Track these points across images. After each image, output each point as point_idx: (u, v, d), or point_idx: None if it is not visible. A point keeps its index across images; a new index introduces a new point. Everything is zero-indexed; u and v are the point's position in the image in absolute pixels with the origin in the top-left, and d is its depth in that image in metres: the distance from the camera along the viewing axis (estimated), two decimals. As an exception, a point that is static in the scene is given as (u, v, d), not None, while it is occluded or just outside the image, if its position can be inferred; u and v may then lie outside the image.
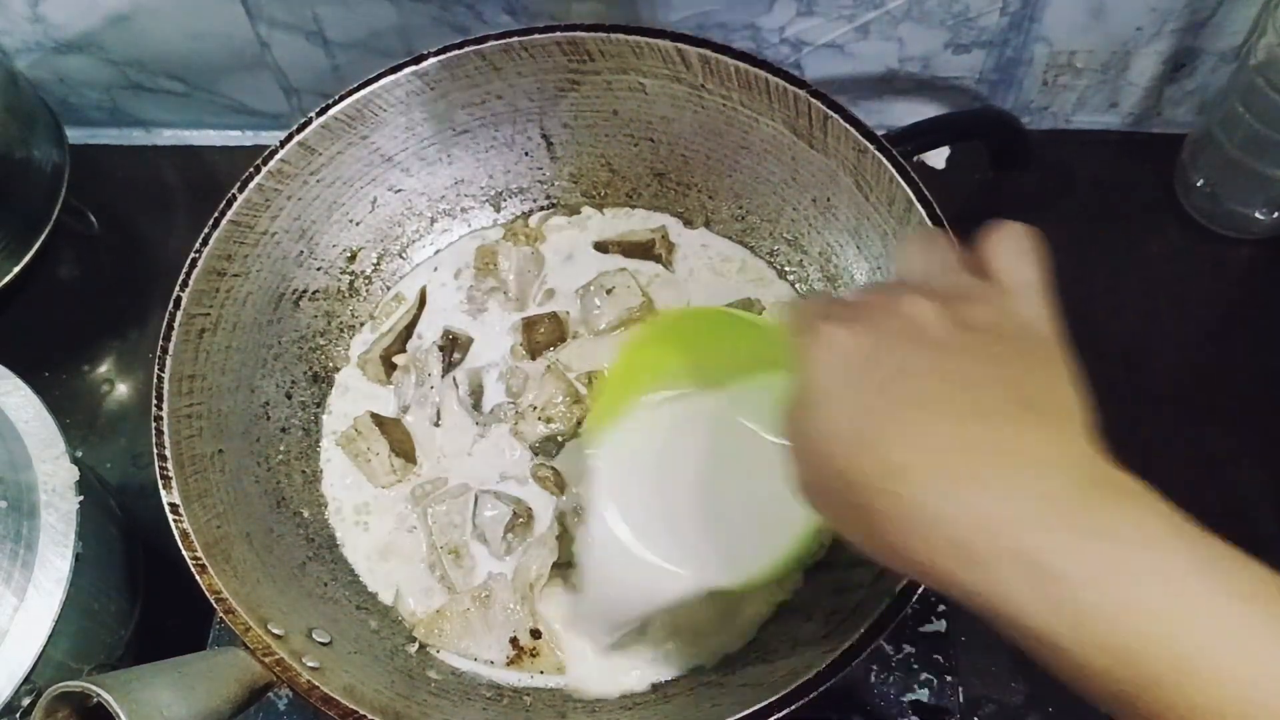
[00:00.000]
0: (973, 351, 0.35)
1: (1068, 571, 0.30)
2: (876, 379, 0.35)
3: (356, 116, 0.64)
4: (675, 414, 0.52)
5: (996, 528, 0.31)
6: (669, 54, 0.61)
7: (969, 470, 0.32)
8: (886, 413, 0.34)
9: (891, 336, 0.35)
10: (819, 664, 0.48)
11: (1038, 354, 0.36)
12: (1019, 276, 0.38)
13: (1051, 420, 0.34)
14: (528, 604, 0.59)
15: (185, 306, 0.58)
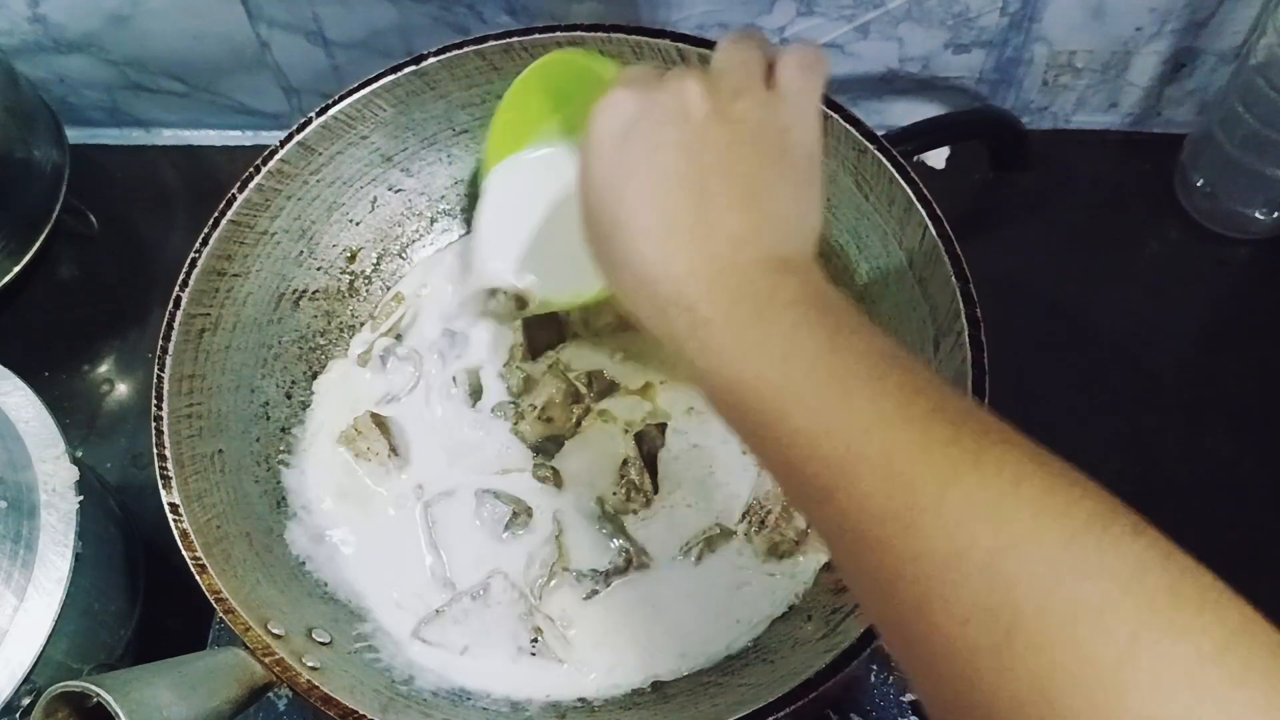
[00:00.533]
0: (722, 142, 0.40)
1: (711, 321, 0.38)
2: (631, 146, 0.41)
3: (356, 116, 0.64)
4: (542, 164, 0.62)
5: (676, 285, 0.39)
6: (669, 54, 0.61)
7: (671, 235, 0.39)
8: (628, 176, 0.40)
9: (659, 112, 0.41)
10: (819, 664, 0.48)
11: (782, 159, 0.42)
12: (796, 86, 0.42)
13: (772, 215, 0.41)
14: (528, 603, 0.59)
15: (185, 306, 0.58)
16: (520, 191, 0.62)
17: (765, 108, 0.42)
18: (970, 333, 0.52)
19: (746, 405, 0.37)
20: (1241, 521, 0.65)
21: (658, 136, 0.41)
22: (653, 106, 0.41)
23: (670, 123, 0.41)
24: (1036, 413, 0.63)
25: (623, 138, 0.41)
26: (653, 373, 0.65)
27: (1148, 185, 0.76)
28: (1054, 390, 0.69)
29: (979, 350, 0.52)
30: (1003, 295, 0.55)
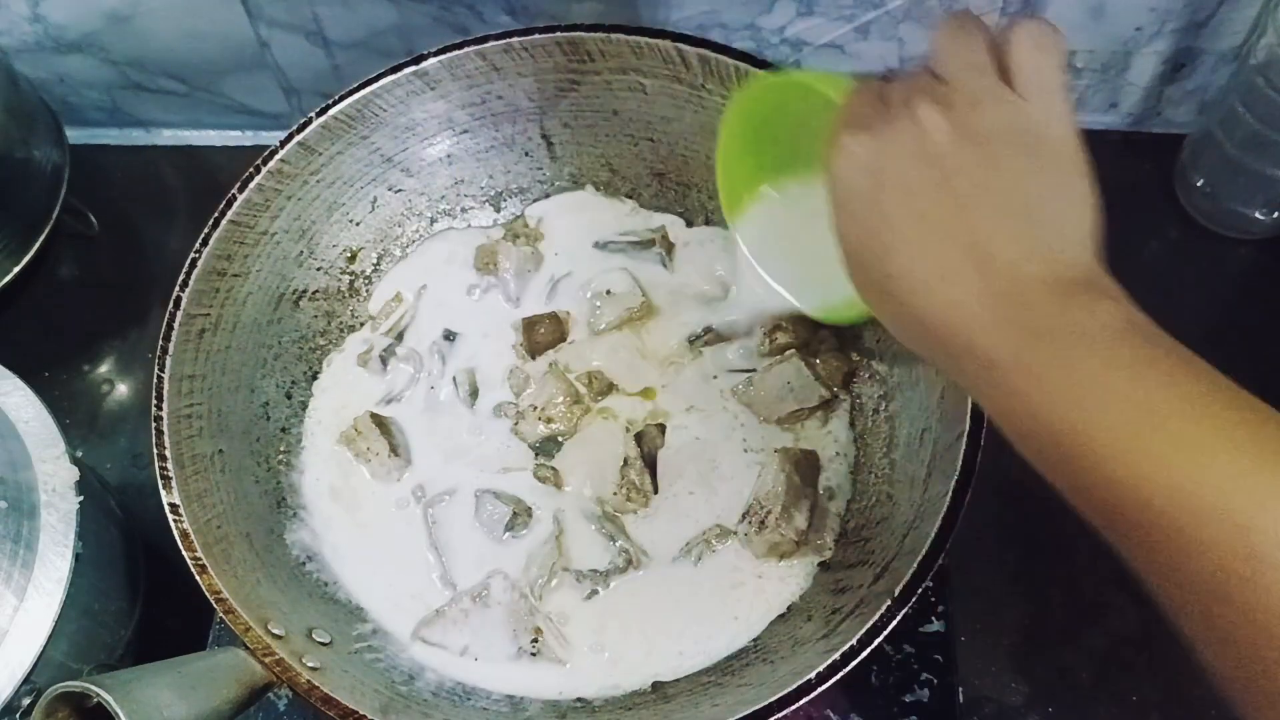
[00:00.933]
0: (973, 165, 0.37)
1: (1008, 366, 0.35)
2: (882, 198, 0.38)
3: (356, 116, 0.64)
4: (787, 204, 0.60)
5: (963, 333, 0.37)
6: (669, 54, 0.61)
7: (946, 282, 0.37)
8: (886, 230, 0.39)
9: (900, 151, 0.38)
10: (819, 664, 0.48)
11: (1042, 162, 0.38)
12: (1037, 77, 0.39)
13: (1042, 224, 0.37)
14: (528, 603, 0.59)
15: (185, 306, 0.58)
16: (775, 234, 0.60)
17: (1010, 111, 0.38)
18: (970, 333, 0.52)
19: (1053, 451, 0.34)
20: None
21: (906, 180, 0.38)
22: (891, 147, 0.38)
23: (915, 161, 0.38)
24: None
25: (869, 189, 0.39)
26: (653, 374, 0.65)
27: (1148, 185, 0.76)
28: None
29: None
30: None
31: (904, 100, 0.39)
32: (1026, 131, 0.38)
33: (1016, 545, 0.65)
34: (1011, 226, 0.37)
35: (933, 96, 0.38)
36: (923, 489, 0.54)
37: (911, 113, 0.38)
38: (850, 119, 0.40)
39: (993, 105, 0.38)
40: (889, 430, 0.60)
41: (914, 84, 0.39)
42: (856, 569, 0.56)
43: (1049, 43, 0.39)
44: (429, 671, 0.58)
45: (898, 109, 0.39)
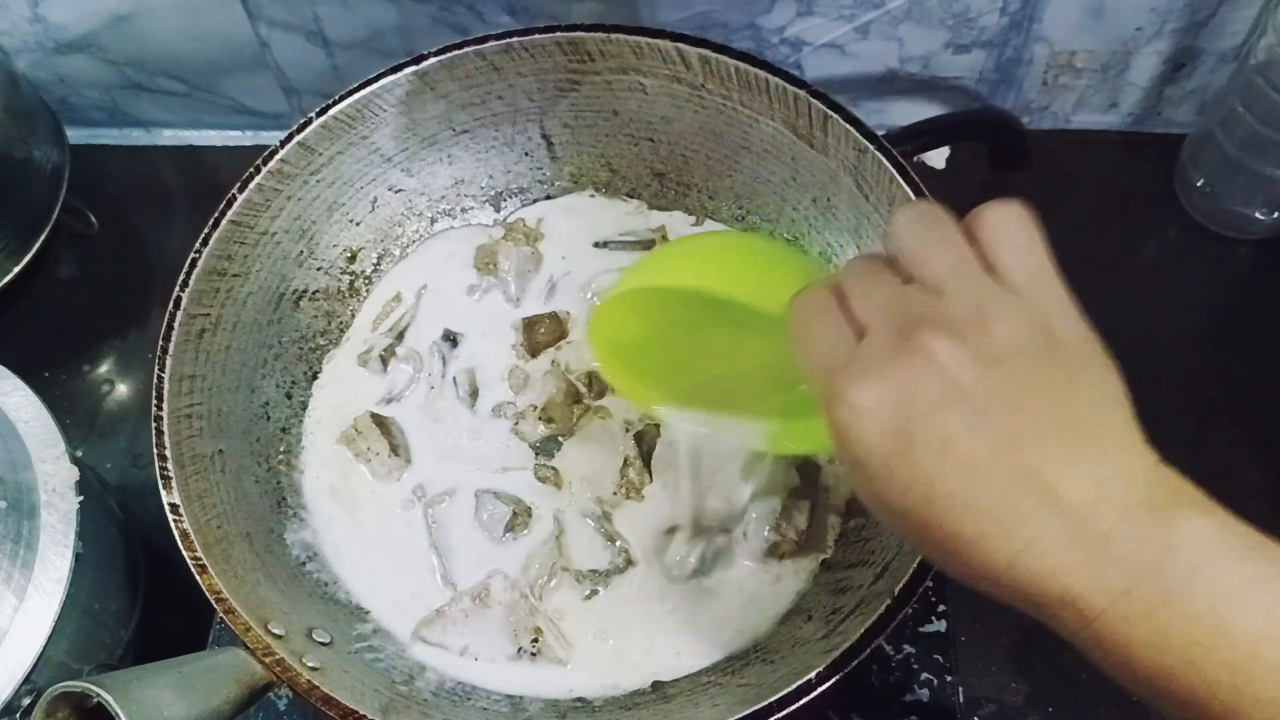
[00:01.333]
0: (1003, 390, 0.33)
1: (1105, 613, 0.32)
2: (915, 458, 0.34)
3: (356, 116, 0.64)
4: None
5: (1046, 583, 0.33)
6: (669, 54, 0.61)
7: (1013, 533, 0.33)
8: (926, 488, 0.34)
9: (924, 400, 0.33)
10: (819, 664, 0.48)
11: (1068, 358, 0.35)
12: (1029, 269, 0.36)
13: (1093, 435, 0.34)
14: (528, 603, 0.59)
15: (185, 306, 0.58)
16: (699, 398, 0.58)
17: (1019, 315, 0.34)
18: (970, 333, 0.52)
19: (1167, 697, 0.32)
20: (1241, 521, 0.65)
21: (939, 430, 0.33)
22: (913, 397, 0.33)
23: (943, 407, 0.33)
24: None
25: (898, 449, 0.34)
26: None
27: (1148, 185, 0.76)
28: (1054, 390, 0.69)
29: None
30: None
31: (902, 330, 0.34)
32: (1040, 331, 0.35)
33: (1016, 545, 0.65)
34: (1064, 449, 0.33)
35: (937, 323, 0.34)
36: (923, 489, 0.54)
37: (922, 349, 0.34)
38: (841, 361, 0.35)
39: (1002, 315, 0.34)
40: (889, 430, 0.60)
41: (904, 304, 0.35)
42: (856, 569, 0.56)
43: (1024, 224, 0.36)
44: (429, 671, 0.58)
45: (906, 351, 0.34)
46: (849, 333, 0.36)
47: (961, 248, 0.36)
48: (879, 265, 0.37)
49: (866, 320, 0.36)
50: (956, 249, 0.36)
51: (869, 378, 0.34)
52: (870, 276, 0.37)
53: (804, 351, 0.37)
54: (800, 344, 0.37)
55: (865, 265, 0.38)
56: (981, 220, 0.36)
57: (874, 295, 0.36)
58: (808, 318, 0.38)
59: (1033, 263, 0.36)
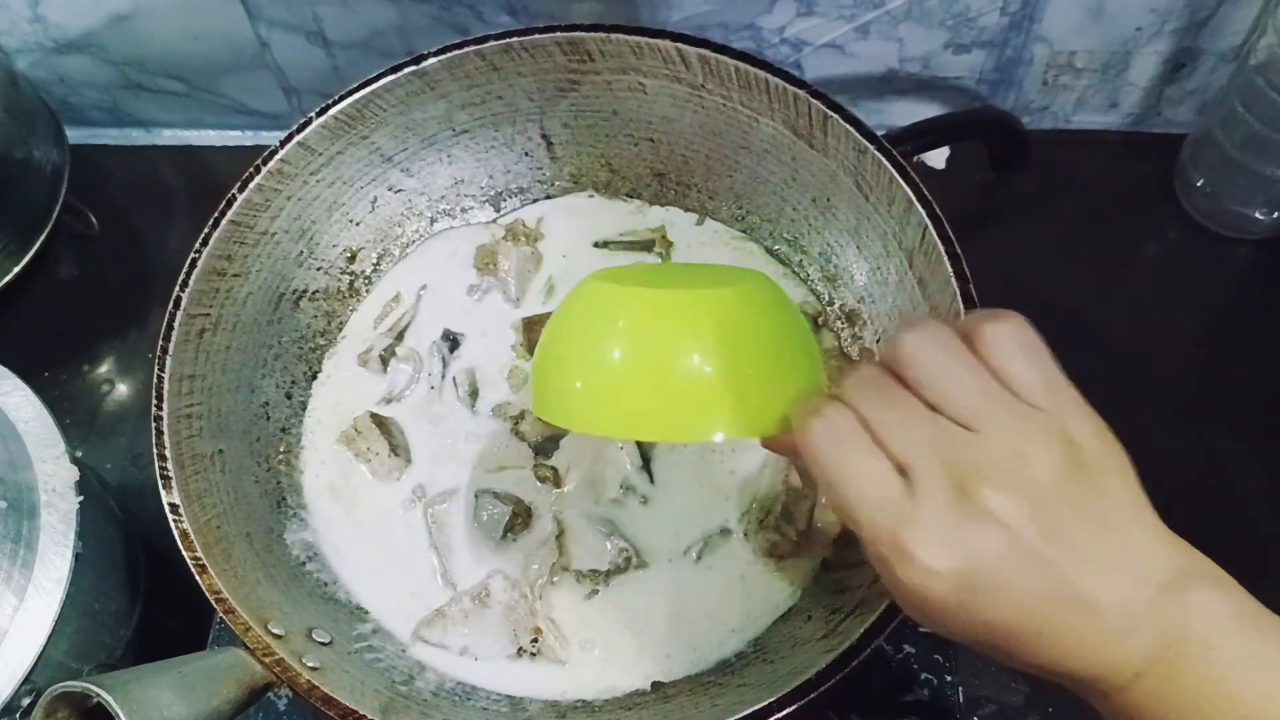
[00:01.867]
0: (1054, 524, 0.35)
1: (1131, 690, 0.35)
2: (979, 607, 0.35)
3: (356, 116, 0.64)
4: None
5: (1079, 667, 0.35)
6: (669, 54, 0.61)
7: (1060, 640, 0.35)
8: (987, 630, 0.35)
9: (989, 555, 0.34)
10: (819, 664, 0.48)
11: (1098, 469, 0.36)
12: (1045, 385, 0.36)
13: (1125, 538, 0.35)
14: (528, 603, 0.59)
15: (185, 306, 0.58)
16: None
17: (1052, 440, 0.35)
18: (970, 333, 0.52)
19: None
20: (1242, 521, 0.65)
21: (1003, 582, 0.35)
22: (979, 555, 0.34)
23: (1006, 561, 0.34)
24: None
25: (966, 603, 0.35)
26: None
27: (1148, 185, 0.76)
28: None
29: (979, 350, 0.52)
30: (1003, 295, 0.55)
31: (957, 483, 0.35)
32: (1068, 446, 0.35)
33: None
34: (1100, 560, 0.35)
35: (992, 476, 0.35)
36: (923, 489, 0.54)
37: (985, 510, 0.34)
38: (898, 517, 0.35)
39: (1038, 445, 0.35)
40: (889, 430, 0.60)
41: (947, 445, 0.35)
42: (856, 569, 0.56)
43: (1028, 338, 0.37)
44: (429, 671, 0.58)
45: (960, 502, 0.35)
46: (894, 477, 0.36)
47: (982, 374, 0.36)
48: (896, 387, 0.37)
49: (910, 462, 0.35)
50: (978, 376, 0.36)
51: (938, 543, 0.35)
52: (896, 405, 0.37)
53: (846, 498, 0.36)
54: (838, 488, 0.36)
55: (881, 387, 0.37)
56: (984, 339, 0.37)
57: (911, 432, 0.36)
58: (840, 457, 0.37)
59: (1046, 377, 0.37)
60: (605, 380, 0.44)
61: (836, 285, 0.65)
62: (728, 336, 0.42)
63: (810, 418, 0.37)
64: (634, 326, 0.44)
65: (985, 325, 0.37)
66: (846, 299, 0.65)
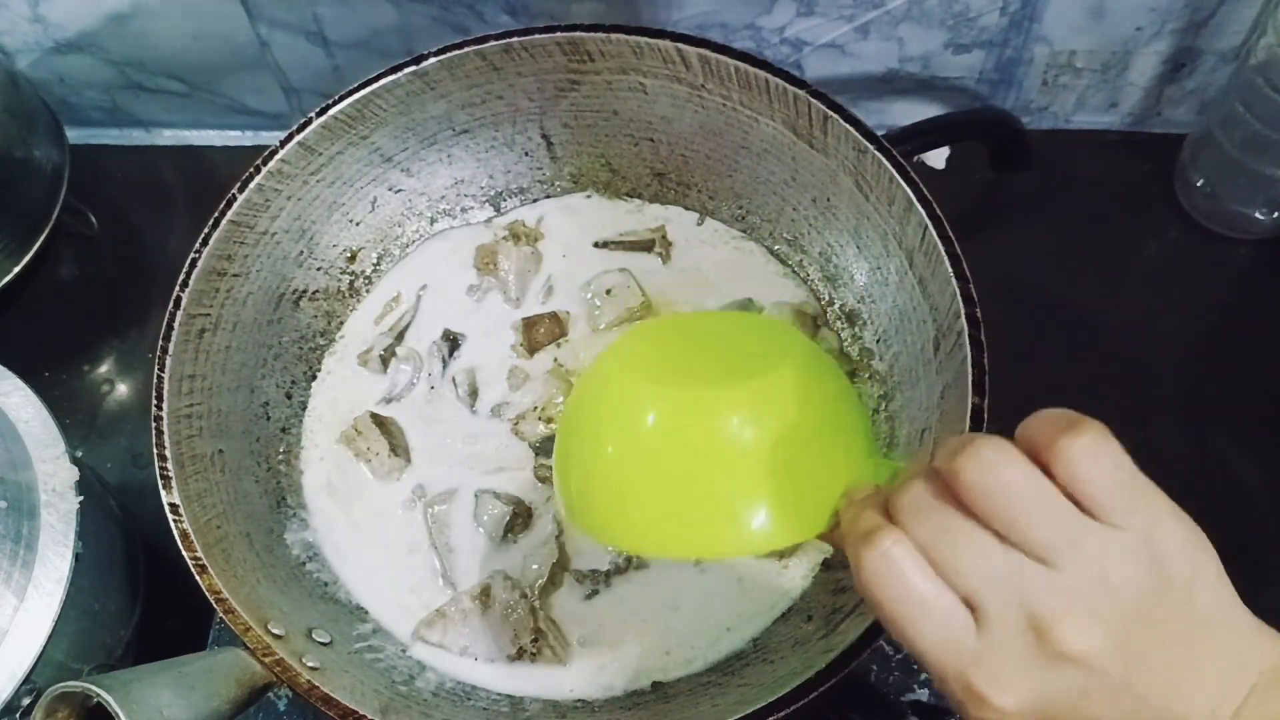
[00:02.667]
0: (1137, 647, 0.33)
1: None
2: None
3: (356, 116, 0.64)
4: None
5: None
6: (669, 54, 0.61)
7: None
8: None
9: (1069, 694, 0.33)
10: (819, 664, 0.48)
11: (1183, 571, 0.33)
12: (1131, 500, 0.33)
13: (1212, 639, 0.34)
14: (528, 603, 0.59)
15: (185, 306, 0.58)
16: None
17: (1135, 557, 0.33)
18: (970, 333, 0.52)
19: None
20: (1242, 521, 0.65)
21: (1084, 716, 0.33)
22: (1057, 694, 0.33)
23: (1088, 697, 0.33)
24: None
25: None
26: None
27: (1148, 185, 0.76)
28: (1054, 390, 0.68)
29: (979, 350, 0.52)
30: (1003, 295, 0.55)
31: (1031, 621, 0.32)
32: (1151, 557, 0.33)
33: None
34: (1188, 673, 0.33)
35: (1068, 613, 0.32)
36: (923, 489, 0.54)
37: (1062, 649, 0.32)
38: (970, 658, 0.33)
39: (1119, 567, 0.32)
40: (889, 430, 0.60)
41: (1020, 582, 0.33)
42: (856, 569, 0.56)
43: (1113, 450, 0.33)
44: (429, 671, 0.58)
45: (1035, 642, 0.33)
46: (960, 613, 0.33)
47: (1056, 501, 0.33)
48: (957, 513, 0.34)
49: (979, 600, 0.33)
50: (1053, 503, 0.33)
51: (1012, 686, 0.33)
52: (960, 534, 0.33)
53: (908, 635, 0.34)
54: (898, 624, 0.34)
55: (942, 513, 0.34)
56: (1060, 456, 0.33)
57: (978, 567, 0.33)
58: (901, 594, 0.34)
59: (1129, 493, 0.33)
60: (639, 499, 0.40)
61: (836, 285, 0.65)
62: (771, 436, 0.39)
63: (864, 549, 0.34)
64: (666, 436, 0.40)
65: (1061, 441, 0.33)
66: (846, 299, 0.65)
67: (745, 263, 0.68)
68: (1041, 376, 0.68)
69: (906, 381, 0.60)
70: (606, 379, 0.44)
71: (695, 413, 0.40)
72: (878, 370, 0.63)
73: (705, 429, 0.39)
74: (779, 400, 0.40)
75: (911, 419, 0.58)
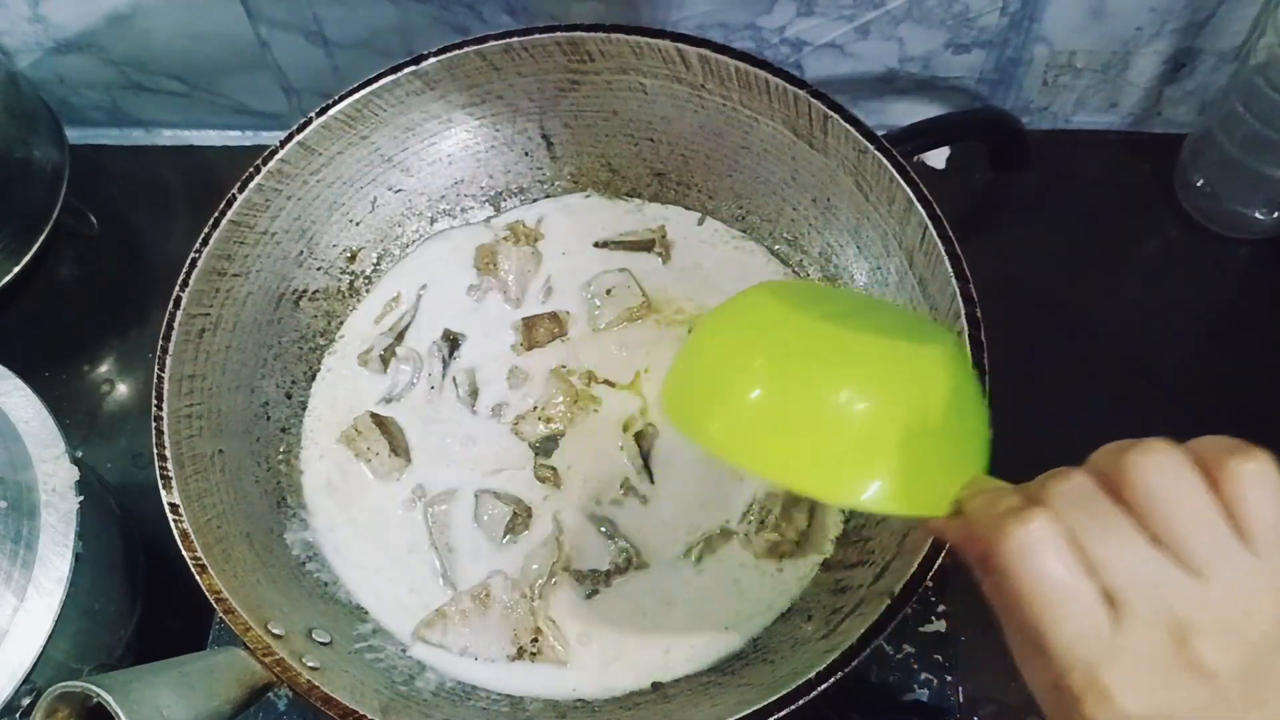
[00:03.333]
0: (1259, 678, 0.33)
1: None
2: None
3: (356, 116, 0.64)
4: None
5: None
6: (669, 54, 0.61)
7: None
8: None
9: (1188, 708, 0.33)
10: (819, 664, 0.48)
11: None
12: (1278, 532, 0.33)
13: None
14: (528, 603, 0.59)
15: (185, 306, 0.58)
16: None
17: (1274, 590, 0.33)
18: (970, 333, 0.52)
19: None
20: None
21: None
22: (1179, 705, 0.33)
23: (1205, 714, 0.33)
24: (1036, 412, 0.64)
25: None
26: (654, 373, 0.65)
27: (1148, 185, 0.76)
28: (1054, 390, 0.69)
29: (979, 350, 0.52)
30: (1003, 295, 0.55)
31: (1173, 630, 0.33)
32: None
33: (1016, 545, 0.65)
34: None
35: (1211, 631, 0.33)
36: (923, 489, 0.54)
37: (1199, 664, 0.32)
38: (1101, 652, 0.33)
39: (1262, 598, 0.33)
40: (889, 430, 0.60)
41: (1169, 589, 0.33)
42: (856, 569, 0.56)
43: (1276, 480, 0.33)
44: (429, 671, 0.58)
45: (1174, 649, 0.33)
46: (1101, 607, 0.33)
47: (1217, 516, 0.33)
48: (1114, 508, 0.34)
49: (1126, 597, 0.33)
50: (1214, 518, 0.33)
51: (1140, 688, 0.33)
52: (1115, 530, 0.34)
53: (1042, 619, 0.33)
54: (1034, 606, 0.33)
55: (1098, 505, 0.34)
56: (1228, 475, 0.33)
57: (1130, 565, 0.33)
58: (1042, 573, 0.33)
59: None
60: (768, 414, 0.40)
61: (837, 285, 0.65)
62: (918, 399, 0.39)
63: (1010, 525, 0.34)
64: (818, 365, 0.40)
65: (1231, 461, 0.33)
66: (846, 299, 0.65)
67: (745, 263, 0.68)
68: (1041, 376, 0.68)
69: (906, 381, 0.60)
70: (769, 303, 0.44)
71: (849, 354, 0.40)
72: (878, 370, 0.63)
73: (856, 373, 0.40)
74: (928, 371, 0.40)
75: (911, 419, 0.58)
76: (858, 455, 0.39)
